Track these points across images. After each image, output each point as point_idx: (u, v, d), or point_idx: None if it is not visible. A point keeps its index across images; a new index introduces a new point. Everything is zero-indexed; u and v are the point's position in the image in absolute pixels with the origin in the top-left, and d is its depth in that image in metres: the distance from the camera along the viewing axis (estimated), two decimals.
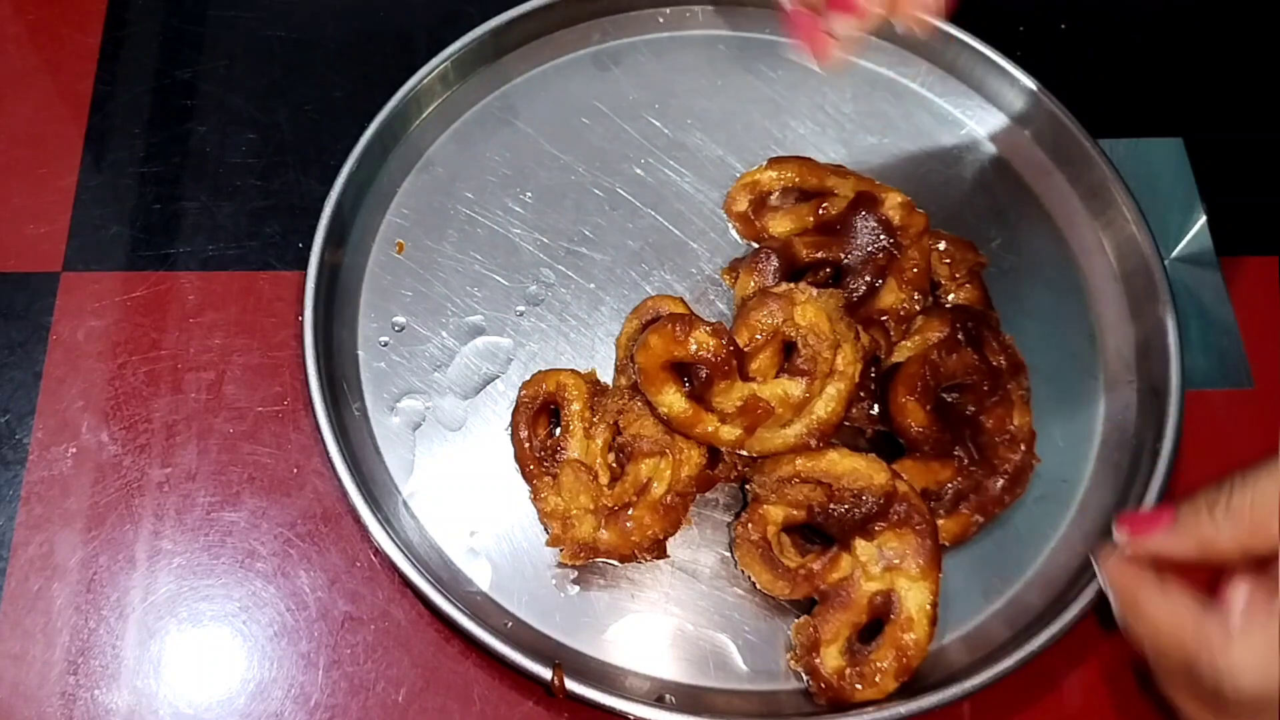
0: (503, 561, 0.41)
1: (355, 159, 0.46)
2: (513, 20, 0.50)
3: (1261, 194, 0.52)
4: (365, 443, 0.43)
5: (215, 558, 0.41)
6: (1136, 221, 0.47)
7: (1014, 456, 0.42)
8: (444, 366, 0.45)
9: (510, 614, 0.40)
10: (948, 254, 0.44)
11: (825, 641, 0.39)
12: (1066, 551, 0.42)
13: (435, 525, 0.42)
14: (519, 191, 0.48)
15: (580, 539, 0.40)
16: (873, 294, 0.43)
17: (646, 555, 0.41)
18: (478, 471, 0.43)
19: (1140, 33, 0.56)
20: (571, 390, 0.42)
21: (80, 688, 0.39)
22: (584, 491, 0.40)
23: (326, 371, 0.43)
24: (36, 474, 0.42)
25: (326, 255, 0.44)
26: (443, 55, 0.49)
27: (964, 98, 0.52)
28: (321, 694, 0.39)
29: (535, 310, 0.46)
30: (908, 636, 0.39)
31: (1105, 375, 0.46)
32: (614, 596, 0.41)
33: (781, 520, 0.41)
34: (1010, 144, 0.51)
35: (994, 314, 0.44)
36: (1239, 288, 0.49)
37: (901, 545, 0.39)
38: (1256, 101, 0.54)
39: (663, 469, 0.41)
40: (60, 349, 0.45)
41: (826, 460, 0.40)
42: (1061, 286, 0.47)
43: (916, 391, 0.41)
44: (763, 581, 0.40)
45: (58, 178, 0.48)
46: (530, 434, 0.43)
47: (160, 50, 0.52)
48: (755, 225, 0.46)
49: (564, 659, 0.39)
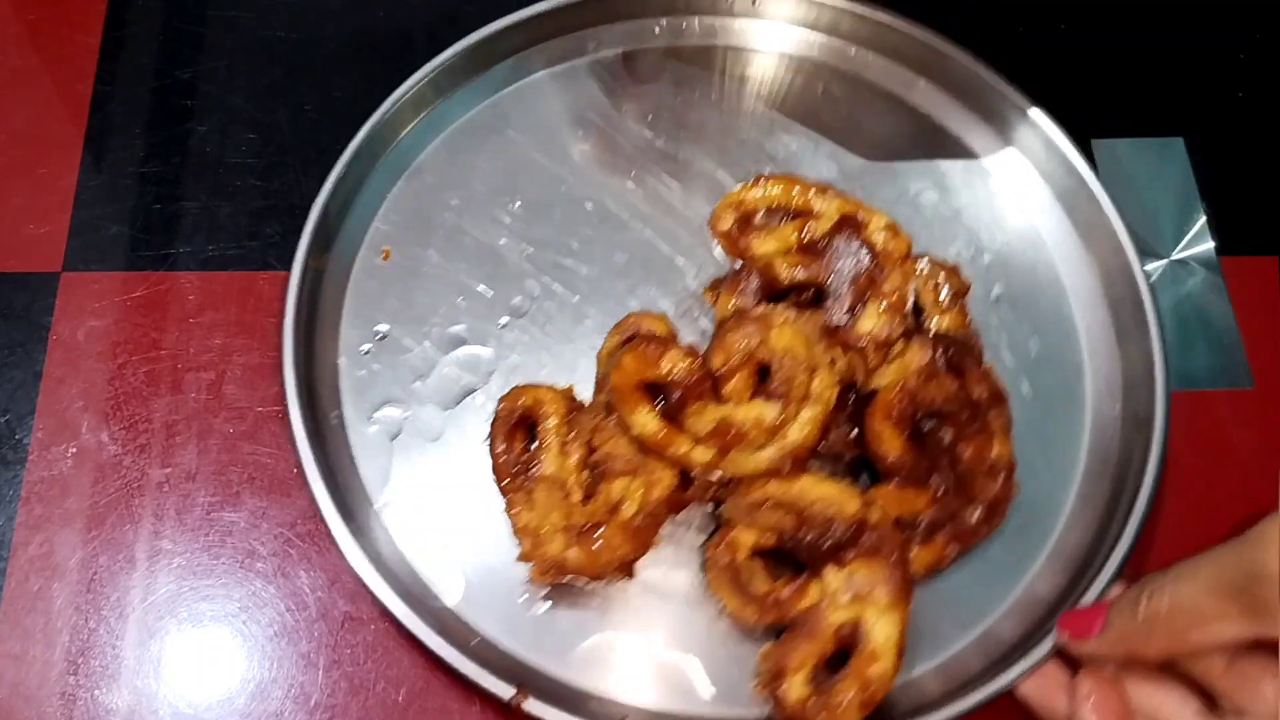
0: (474, 576, 0.41)
1: (343, 164, 0.46)
2: (506, 28, 0.49)
3: (1261, 194, 0.51)
4: (341, 451, 0.43)
5: (215, 558, 0.42)
6: (1128, 250, 0.45)
7: (992, 486, 0.41)
8: (425, 376, 0.45)
9: (477, 630, 0.40)
10: (932, 279, 0.43)
11: (791, 670, 0.39)
12: (1044, 583, 0.42)
13: (408, 537, 0.42)
14: (508, 201, 0.48)
15: (549, 557, 0.40)
16: (853, 318, 0.42)
17: (615, 575, 0.41)
18: (453, 484, 0.43)
19: (1140, 33, 0.55)
20: (548, 406, 0.42)
21: (80, 688, 0.40)
22: (556, 509, 0.40)
23: (306, 378, 0.43)
24: (36, 474, 0.43)
25: (311, 260, 0.45)
26: (435, 62, 0.48)
27: (961, 117, 0.50)
28: (321, 694, 0.40)
29: (519, 322, 0.46)
30: (873, 669, 0.38)
31: (1090, 405, 0.45)
32: (582, 615, 0.41)
33: (752, 545, 0.40)
34: (1006, 167, 0.50)
35: (977, 341, 0.43)
36: (1239, 288, 0.49)
37: (871, 575, 0.39)
38: (1256, 101, 0.53)
39: (634, 489, 0.40)
40: (60, 349, 0.45)
41: (798, 486, 0.40)
42: (1049, 314, 0.46)
43: (893, 419, 0.40)
44: (731, 606, 0.40)
45: (58, 178, 0.49)
46: (507, 448, 0.43)
47: (160, 50, 0.52)
48: (739, 244, 0.45)
49: (528, 678, 0.39)
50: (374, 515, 0.42)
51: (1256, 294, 0.49)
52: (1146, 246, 0.50)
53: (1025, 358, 0.45)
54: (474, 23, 0.49)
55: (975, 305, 0.45)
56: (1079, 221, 0.48)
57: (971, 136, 0.50)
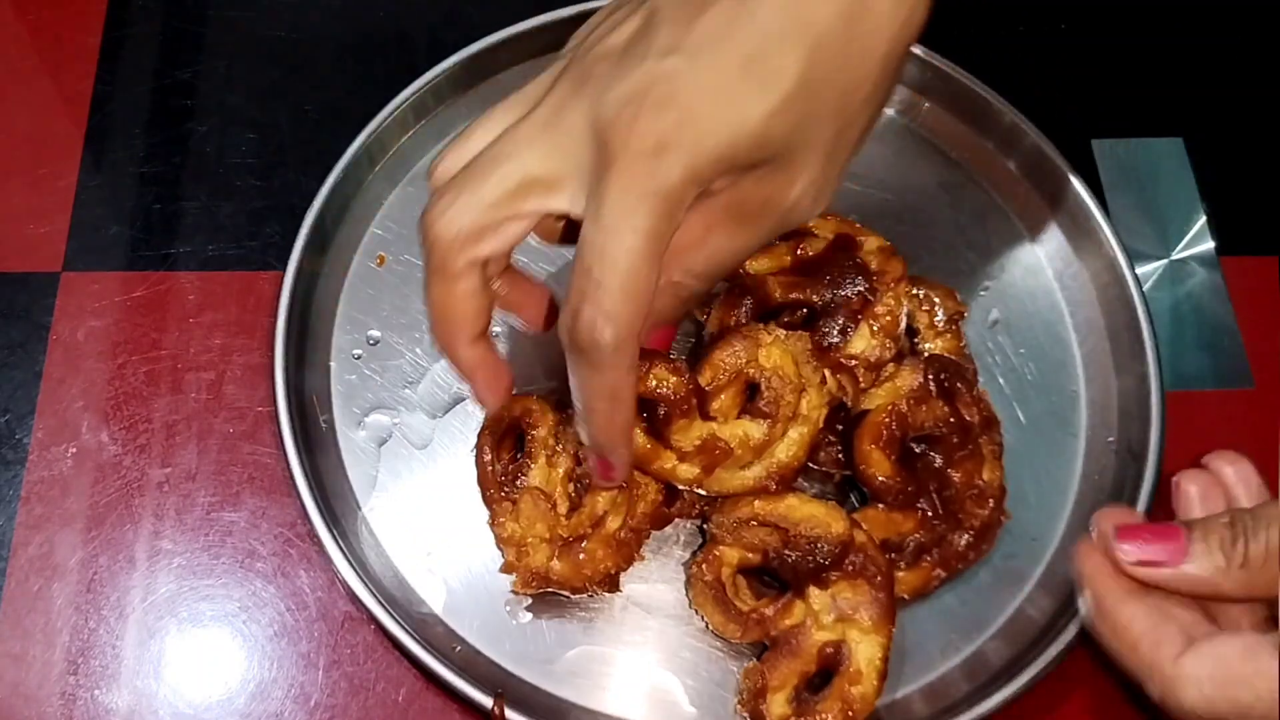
0: (457, 585, 0.42)
1: (341, 169, 0.46)
2: (508, 39, 0.49)
3: (1261, 194, 0.51)
4: (331, 455, 0.43)
5: (215, 558, 0.42)
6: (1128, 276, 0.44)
7: (981, 512, 0.40)
8: (415, 383, 0.45)
9: (460, 638, 0.41)
10: (926, 301, 0.42)
11: (773, 689, 0.39)
12: (1033, 608, 0.41)
13: (393, 543, 0.42)
14: None
15: (533, 568, 0.40)
16: (844, 338, 0.41)
17: (598, 589, 0.41)
18: (440, 492, 0.43)
19: (1140, 33, 0.55)
20: (537, 416, 0.42)
21: (80, 688, 0.40)
22: (541, 520, 0.41)
23: (296, 381, 0.43)
24: (36, 474, 0.43)
25: (306, 263, 0.45)
26: (436, 70, 0.48)
27: (961, 138, 0.50)
28: (321, 694, 0.40)
29: (510, 332, 0.46)
30: (855, 689, 0.38)
31: (1085, 434, 0.44)
32: (565, 628, 0.41)
33: (737, 562, 0.40)
34: (1006, 189, 0.49)
35: (971, 365, 0.42)
36: (1239, 288, 0.49)
37: (855, 596, 0.39)
38: (1256, 101, 0.53)
39: (619, 503, 0.40)
40: (60, 349, 0.46)
41: (785, 505, 0.39)
42: (1047, 339, 0.46)
43: (882, 441, 0.40)
44: (715, 623, 0.40)
45: (58, 178, 0.49)
46: (494, 457, 0.43)
47: (160, 50, 0.52)
48: None
49: (509, 689, 0.39)
50: (361, 520, 0.43)
51: (1256, 294, 0.49)
52: (1146, 247, 0.49)
53: (1020, 383, 0.45)
54: (474, 24, 0.49)
55: (972, 329, 0.44)
56: (1079, 248, 0.47)
57: (972, 159, 0.50)
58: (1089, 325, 0.46)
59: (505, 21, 0.49)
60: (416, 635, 0.39)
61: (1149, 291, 0.47)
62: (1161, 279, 0.49)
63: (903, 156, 0.49)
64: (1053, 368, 0.45)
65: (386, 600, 0.39)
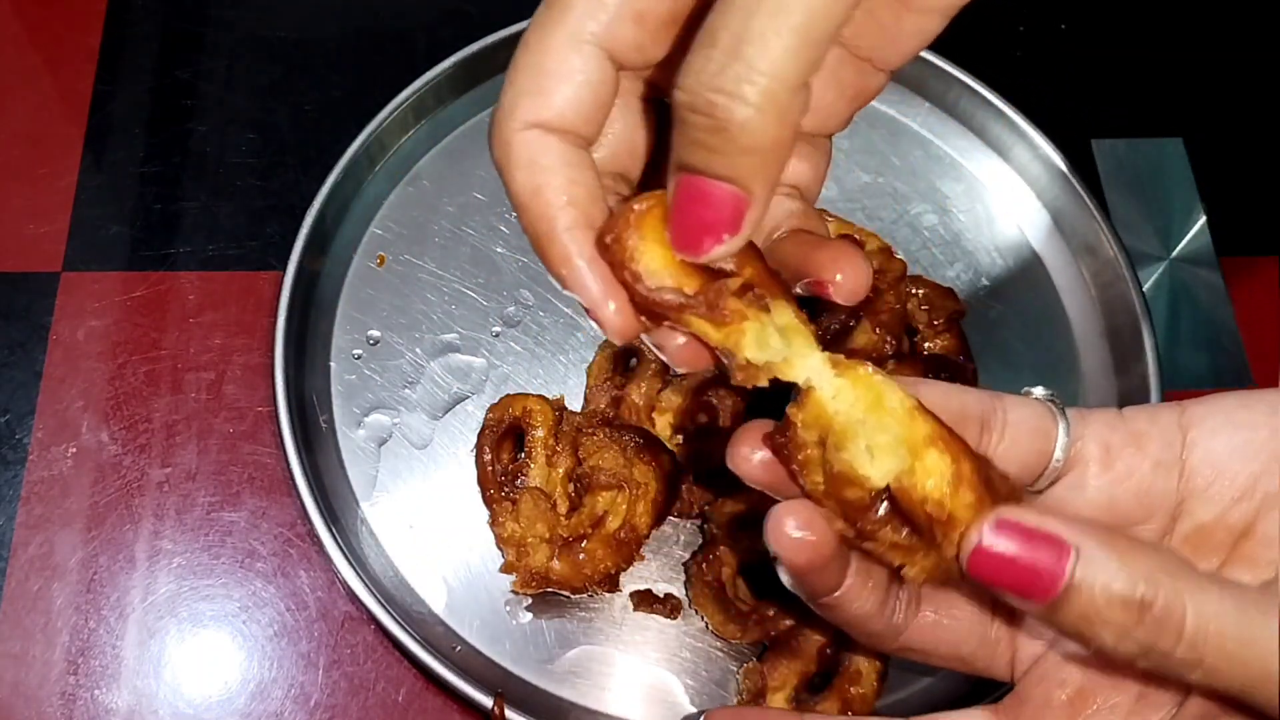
0: (457, 584, 0.42)
1: (341, 169, 0.46)
2: (507, 38, 0.49)
3: (1261, 194, 0.51)
4: (331, 455, 0.43)
5: (215, 558, 0.42)
6: (1128, 278, 0.45)
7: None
8: (415, 384, 0.45)
9: (460, 638, 0.41)
10: (926, 301, 0.43)
11: (772, 688, 0.39)
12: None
13: (393, 543, 0.42)
14: (504, 210, 0.48)
15: (533, 568, 0.40)
16: (846, 334, 0.42)
17: (598, 588, 0.41)
18: (440, 492, 0.43)
19: (1140, 33, 0.55)
20: (537, 416, 0.42)
21: (80, 688, 0.40)
22: (541, 520, 0.41)
23: (296, 381, 0.43)
24: (36, 474, 0.43)
25: (306, 263, 0.45)
26: (435, 71, 0.48)
27: (963, 141, 0.50)
28: (321, 694, 0.40)
29: (511, 332, 0.46)
30: (855, 690, 0.38)
31: None
32: (565, 627, 0.41)
33: (737, 562, 0.40)
34: (1007, 191, 0.49)
35: (970, 365, 0.42)
36: (1239, 288, 0.49)
37: None
38: (1256, 101, 0.53)
39: (619, 503, 0.40)
40: (60, 349, 0.46)
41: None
42: (1047, 340, 0.46)
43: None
44: (715, 622, 0.40)
45: (58, 178, 0.49)
46: (494, 458, 0.43)
47: (160, 50, 0.52)
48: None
49: (509, 688, 0.39)
50: (361, 520, 0.43)
51: (1256, 294, 0.49)
52: (1146, 247, 0.50)
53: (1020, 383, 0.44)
54: (474, 23, 0.49)
55: (972, 328, 0.44)
56: (1079, 248, 0.48)
57: (973, 160, 0.50)
58: (1089, 325, 0.46)
59: (505, 21, 0.49)
60: (416, 635, 0.39)
61: (1149, 291, 0.47)
62: (1161, 279, 0.49)
63: (902, 156, 0.49)
64: (1052, 368, 0.45)
65: (386, 600, 0.39)
